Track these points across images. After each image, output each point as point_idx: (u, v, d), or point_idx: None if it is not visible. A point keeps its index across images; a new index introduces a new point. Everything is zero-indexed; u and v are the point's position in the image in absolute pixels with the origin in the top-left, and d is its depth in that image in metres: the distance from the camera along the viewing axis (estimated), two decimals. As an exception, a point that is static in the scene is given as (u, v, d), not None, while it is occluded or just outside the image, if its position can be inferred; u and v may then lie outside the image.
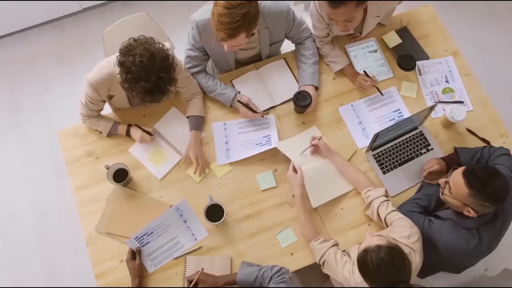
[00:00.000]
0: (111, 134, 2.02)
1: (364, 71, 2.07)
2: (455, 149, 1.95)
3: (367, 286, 1.56)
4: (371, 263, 1.42)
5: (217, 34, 1.72)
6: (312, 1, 1.97)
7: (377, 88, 2.09)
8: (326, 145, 1.95)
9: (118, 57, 1.63)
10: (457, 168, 1.63)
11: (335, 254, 1.70)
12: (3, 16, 2.93)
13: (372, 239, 1.50)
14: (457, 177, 1.59)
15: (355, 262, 1.62)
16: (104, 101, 1.95)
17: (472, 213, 1.59)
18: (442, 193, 1.67)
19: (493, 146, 1.97)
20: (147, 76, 1.58)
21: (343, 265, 1.65)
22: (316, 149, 1.97)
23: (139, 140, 1.98)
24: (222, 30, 1.68)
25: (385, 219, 1.75)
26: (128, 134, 2.00)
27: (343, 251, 1.75)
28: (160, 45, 1.66)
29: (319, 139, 1.94)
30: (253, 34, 1.84)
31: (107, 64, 1.79)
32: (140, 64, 1.56)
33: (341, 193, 1.94)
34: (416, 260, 1.61)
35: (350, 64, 2.14)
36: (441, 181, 1.68)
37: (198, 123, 2.02)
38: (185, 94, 2.04)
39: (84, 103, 1.91)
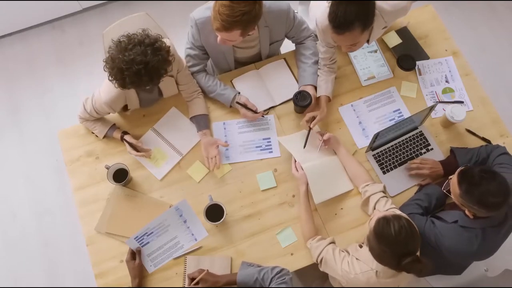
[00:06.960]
0: (106, 137, 2.02)
1: (313, 117, 1.96)
2: (451, 149, 1.95)
3: (365, 278, 1.58)
4: (393, 229, 1.44)
5: (213, 22, 1.71)
6: (315, 27, 1.95)
7: (306, 137, 1.95)
8: (336, 137, 1.97)
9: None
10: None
11: (333, 250, 1.71)
12: (3, 16, 2.93)
13: (388, 212, 1.54)
14: (455, 175, 1.58)
15: (354, 255, 1.65)
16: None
17: (470, 214, 1.59)
18: (446, 190, 1.66)
19: (489, 145, 1.96)
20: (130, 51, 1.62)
21: (341, 260, 1.66)
22: (326, 143, 1.96)
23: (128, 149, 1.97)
24: (219, 20, 1.67)
25: None
26: (122, 140, 1.98)
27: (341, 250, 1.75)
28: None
29: (326, 133, 1.94)
30: (250, 34, 1.83)
31: None
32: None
33: (343, 191, 1.94)
34: None
35: (325, 97, 2.03)
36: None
37: (203, 123, 2.02)
38: (185, 93, 2.04)
39: (88, 111, 1.90)
